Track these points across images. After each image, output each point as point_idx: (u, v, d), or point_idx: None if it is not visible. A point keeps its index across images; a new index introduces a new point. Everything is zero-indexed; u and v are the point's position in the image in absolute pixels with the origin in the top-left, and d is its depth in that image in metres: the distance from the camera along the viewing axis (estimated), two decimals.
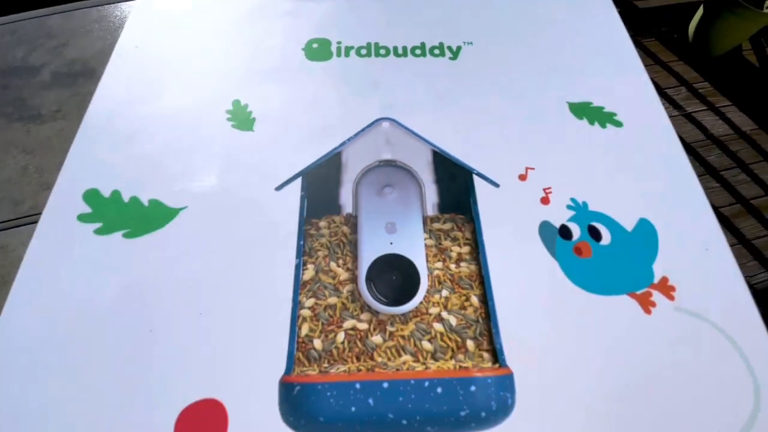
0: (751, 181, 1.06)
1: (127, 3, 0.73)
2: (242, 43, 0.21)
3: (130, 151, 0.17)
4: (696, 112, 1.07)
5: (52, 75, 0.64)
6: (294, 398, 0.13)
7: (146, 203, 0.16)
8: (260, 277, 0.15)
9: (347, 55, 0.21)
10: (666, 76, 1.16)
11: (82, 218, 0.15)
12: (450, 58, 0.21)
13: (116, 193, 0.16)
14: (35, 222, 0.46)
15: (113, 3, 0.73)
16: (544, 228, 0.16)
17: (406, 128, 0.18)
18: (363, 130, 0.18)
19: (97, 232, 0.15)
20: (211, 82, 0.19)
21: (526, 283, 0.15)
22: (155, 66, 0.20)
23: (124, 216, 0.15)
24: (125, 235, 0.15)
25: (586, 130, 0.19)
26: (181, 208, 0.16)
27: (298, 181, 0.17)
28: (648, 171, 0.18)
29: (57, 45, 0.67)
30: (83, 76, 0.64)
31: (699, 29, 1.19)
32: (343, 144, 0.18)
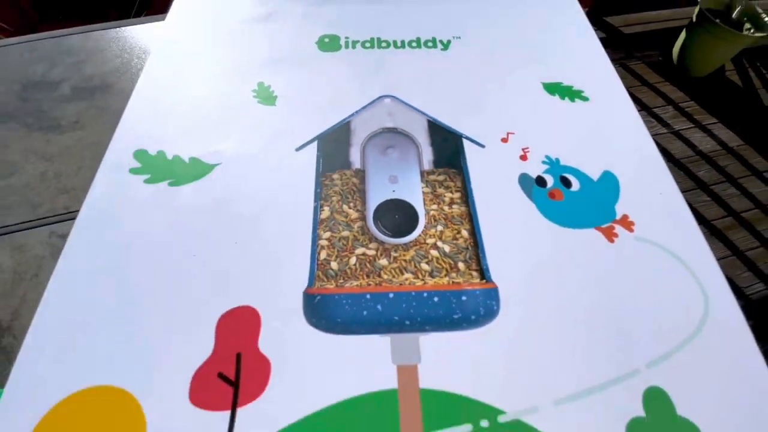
0: (740, 194, 1.10)
1: (142, 25, 0.78)
2: (263, 39, 0.25)
3: (172, 120, 0.20)
4: (683, 129, 1.12)
5: (72, 89, 0.69)
6: (315, 305, 0.15)
7: (187, 160, 0.19)
8: (284, 216, 0.17)
9: (354, 47, 0.24)
10: (653, 96, 1.22)
11: (134, 171, 0.18)
12: (441, 49, 0.24)
13: (161, 153, 0.19)
14: (53, 223, 0.49)
15: (129, 25, 0.78)
16: (523, 178, 0.19)
17: (405, 103, 0.22)
18: (369, 104, 0.21)
19: (146, 181, 0.18)
20: (238, 69, 0.23)
21: (508, 219, 0.18)
22: (190, 57, 0.23)
23: (169, 170, 0.18)
24: (170, 184, 0.18)
25: (558, 103, 0.22)
26: (216, 164, 0.19)
27: (315, 144, 0.20)
28: (610, 135, 0.21)
29: (76, 62, 0.72)
30: (100, 90, 0.68)
31: (682, 52, 1.26)
32: (351, 115, 0.21)
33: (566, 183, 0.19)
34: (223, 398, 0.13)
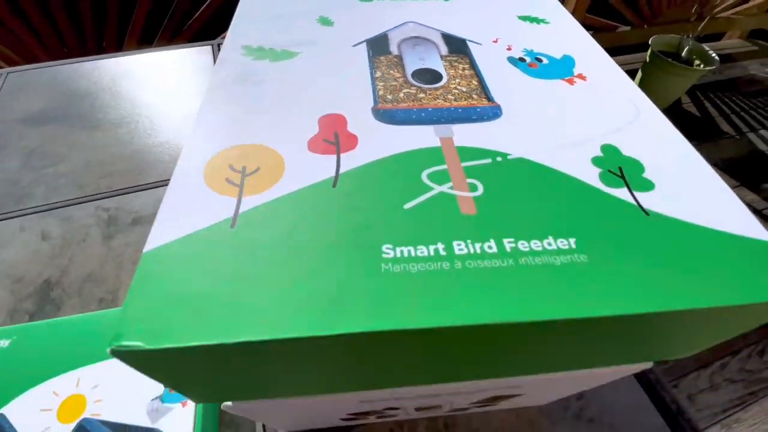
0: None
1: (167, 50, 0.90)
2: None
3: (263, 33, 0.29)
4: None
5: (111, 96, 0.78)
6: (380, 114, 0.23)
7: (278, 50, 0.27)
8: (350, 76, 0.26)
9: (383, 0, 0.34)
10: None
11: (243, 54, 0.26)
12: (444, 1, 0.34)
13: (260, 46, 0.27)
14: (98, 199, 0.56)
15: (154, 51, 0.90)
16: (510, 59, 0.28)
17: (422, 24, 0.31)
18: (398, 25, 0.31)
19: (253, 60, 0.26)
20: (301, 11, 0.32)
21: (501, 77, 0.26)
22: (272, 3, 0.33)
23: (268, 54, 0.27)
24: (270, 61, 0.26)
25: (529, 25, 0.32)
26: (299, 52, 0.27)
27: (364, 44, 0.28)
28: (566, 39, 0.30)
29: (115, 77, 0.82)
30: (138, 100, 0.78)
31: (640, 89, 1.44)
32: (387, 30, 0.30)
33: (539, 60, 0.28)
34: (329, 150, 0.20)
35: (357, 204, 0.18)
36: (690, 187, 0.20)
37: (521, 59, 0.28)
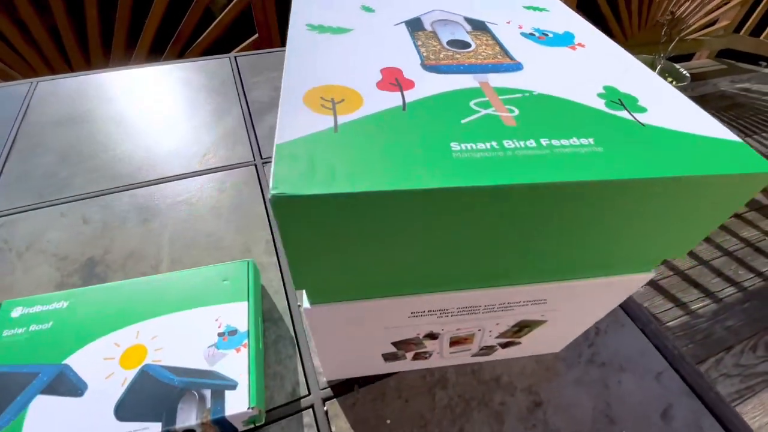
0: None
1: (188, 62, 0.96)
2: None
3: (320, 15, 0.35)
4: None
5: (137, 102, 0.83)
6: (427, 68, 0.29)
7: (336, 27, 0.33)
8: (398, 44, 0.32)
9: None
10: None
11: (307, 30, 0.32)
12: None
13: (320, 24, 0.33)
14: (132, 189, 0.61)
15: (176, 62, 0.96)
16: (522, 34, 0.34)
17: (446, 11, 0.37)
18: (427, 12, 0.37)
19: (317, 33, 0.32)
20: (350, 1, 0.39)
21: (519, 46, 0.33)
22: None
23: (327, 29, 0.33)
24: (330, 34, 0.32)
25: (533, 12, 0.38)
26: (352, 28, 0.33)
27: (404, 24, 0.35)
28: (565, 21, 0.37)
29: (138, 85, 0.88)
30: (161, 105, 0.83)
31: None
32: (419, 15, 0.36)
33: (546, 35, 0.34)
34: (394, 89, 0.26)
35: (424, 120, 0.23)
36: (673, 110, 0.26)
37: (531, 34, 0.35)
